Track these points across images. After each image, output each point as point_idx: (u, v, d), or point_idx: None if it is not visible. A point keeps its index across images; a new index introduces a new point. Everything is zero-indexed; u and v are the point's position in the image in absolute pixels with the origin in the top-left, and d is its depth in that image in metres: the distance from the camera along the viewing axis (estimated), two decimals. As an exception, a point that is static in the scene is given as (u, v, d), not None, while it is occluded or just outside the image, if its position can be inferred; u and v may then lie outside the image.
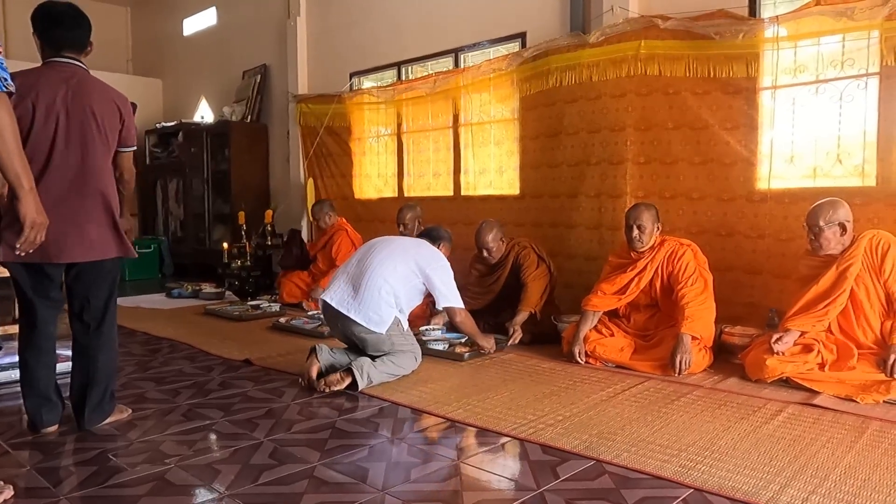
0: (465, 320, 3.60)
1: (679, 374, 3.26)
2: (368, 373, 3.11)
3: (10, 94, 1.84)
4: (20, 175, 1.93)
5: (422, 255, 3.48)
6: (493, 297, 4.40)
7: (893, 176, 3.51)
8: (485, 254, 4.34)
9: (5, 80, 1.80)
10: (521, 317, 4.09)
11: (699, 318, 3.39)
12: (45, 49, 2.52)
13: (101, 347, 2.58)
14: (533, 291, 4.16)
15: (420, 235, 3.86)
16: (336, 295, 3.33)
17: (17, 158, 1.90)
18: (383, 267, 3.33)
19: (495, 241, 4.32)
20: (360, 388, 3.06)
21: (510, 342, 3.98)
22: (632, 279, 3.67)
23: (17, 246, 2.03)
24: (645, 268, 3.65)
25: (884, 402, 2.80)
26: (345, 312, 3.27)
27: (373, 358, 3.22)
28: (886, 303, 3.12)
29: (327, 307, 3.36)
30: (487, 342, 3.73)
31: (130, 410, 2.78)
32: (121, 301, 6.29)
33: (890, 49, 3.45)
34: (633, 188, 4.41)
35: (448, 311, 3.56)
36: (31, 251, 2.09)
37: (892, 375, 2.89)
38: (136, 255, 2.68)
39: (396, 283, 3.32)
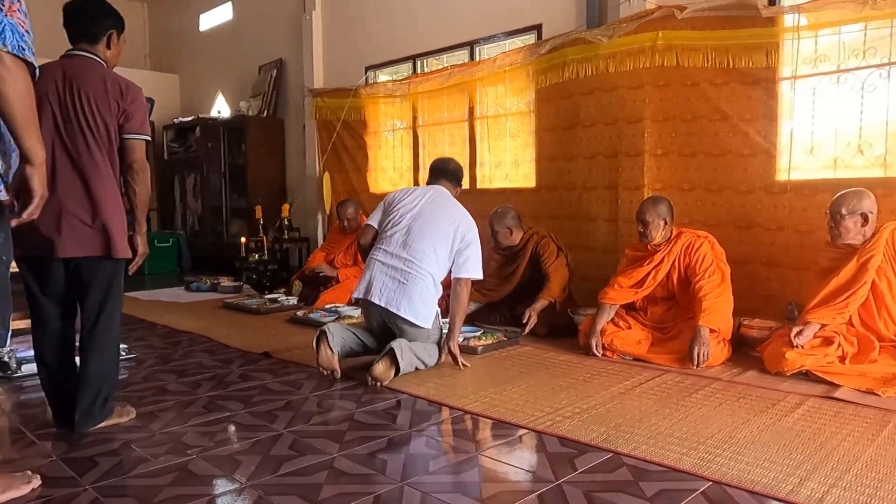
0: (466, 297, 3.42)
1: (697, 366, 3.24)
2: (409, 360, 3.15)
3: (29, 64, 1.77)
4: (36, 144, 1.84)
5: (463, 224, 3.36)
6: (510, 289, 4.40)
7: (916, 167, 3.47)
8: (493, 238, 4.38)
9: (23, 49, 1.76)
10: (541, 304, 4.10)
11: (717, 310, 3.37)
12: (70, 43, 2.53)
13: (93, 349, 2.47)
14: (555, 281, 4.18)
15: (437, 171, 3.60)
16: (381, 293, 3.21)
17: (34, 127, 1.84)
18: (426, 258, 3.24)
19: (501, 227, 4.35)
20: (400, 372, 3.11)
21: (526, 327, 4.01)
22: (649, 272, 3.65)
23: (22, 215, 1.89)
24: (662, 261, 3.63)
25: (906, 395, 2.78)
26: (394, 311, 3.18)
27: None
28: (909, 295, 3.08)
29: (370, 304, 3.26)
30: (458, 355, 3.37)
31: (134, 413, 2.68)
32: (140, 295, 6.41)
33: (913, 37, 3.39)
34: (651, 180, 4.38)
35: (465, 281, 3.35)
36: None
37: (914, 368, 2.86)
38: (129, 255, 2.53)
39: (439, 272, 3.28)
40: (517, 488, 2.01)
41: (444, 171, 3.61)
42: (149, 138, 2.61)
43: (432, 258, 3.26)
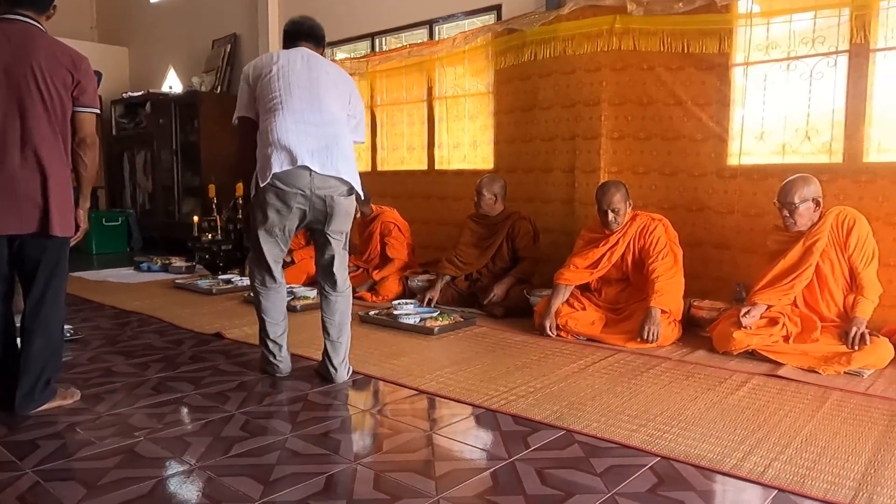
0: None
1: (648, 343, 3.32)
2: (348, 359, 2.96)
3: None
4: None
5: (351, 82, 2.94)
6: (485, 262, 4.46)
7: (859, 153, 3.57)
8: (476, 199, 4.43)
9: None
10: (509, 281, 4.23)
11: (668, 291, 3.44)
12: (1, 5, 2.37)
13: (36, 332, 2.38)
14: (528, 265, 4.35)
15: (294, 34, 2.91)
16: (312, 156, 2.61)
17: None
18: (340, 118, 2.78)
19: (489, 192, 4.40)
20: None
21: (489, 299, 4.16)
22: (604, 254, 3.70)
23: None
24: (617, 242, 3.69)
25: (844, 372, 2.89)
26: (332, 174, 2.67)
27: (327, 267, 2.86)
28: (850, 277, 3.19)
29: (295, 176, 2.62)
30: None
31: (78, 395, 2.59)
32: (87, 275, 6.20)
33: (859, 27, 3.49)
34: (607, 163, 4.43)
35: (356, 144, 2.94)
36: None
37: (852, 347, 2.97)
38: (73, 233, 2.46)
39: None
40: (470, 466, 2.02)
41: (300, 34, 2.91)
42: (99, 111, 2.55)
43: (344, 119, 2.81)
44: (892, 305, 3.33)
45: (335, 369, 2.87)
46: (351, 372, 2.94)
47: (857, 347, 2.96)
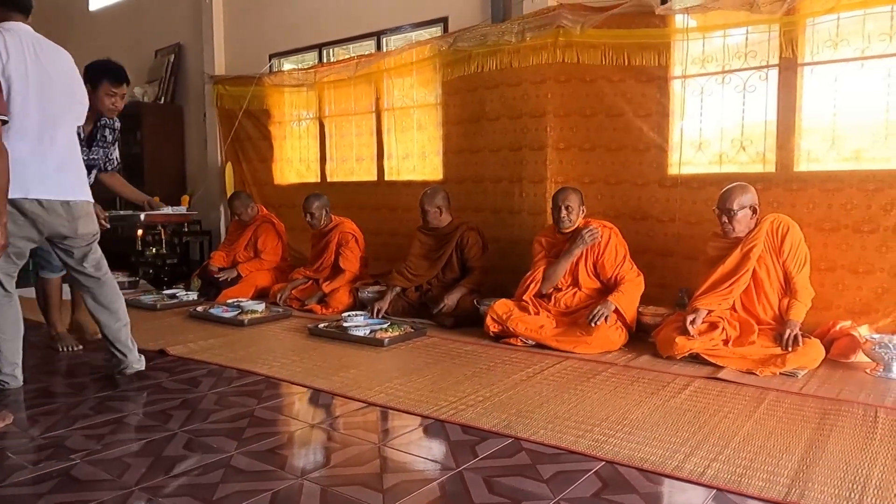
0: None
1: (591, 323, 3.50)
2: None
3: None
4: None
5: (75, 72, 3.02)
6: (434, 273, 4.48)
7: (791, 163, 3.73)
8: (424, 217, 4.45)
9: None
10: (461, 292, 4.25)
11: (629, 296, 3.66)
12: None
13: None
14: (477, 275, 4.38)
15: (14, 3, 2.91)
16: (53, 186, 2.72)
17: None
18: (73, 133, 2.90)
19: (432, 206, 4.44)
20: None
21: (440, 309, 4.18)
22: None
23: None
24: (571, 248, 3.82)
25: (780, 374, 3.00)
26: (73, 198, 2.81)
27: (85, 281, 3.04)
28: (784, 281, 3.32)
29: (34, 209, 2.69)
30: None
31: (10, 419, 2.49)
32: (24, 292, 5.90)
33: (788, 42, 3.65)
34: (554, 173, 4.51)
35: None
36: None
37: (786, 349, 3.09)
38: None
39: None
40: (418, 477, 2.02)
41: (14, 4, 2.91)
42: (7, 119, 2.46)
43: (75, 134, 2.93)
44: (824, 308, 3.49)
45: (128, 351, 2.97)
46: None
47: (790, 349, 3.08)
